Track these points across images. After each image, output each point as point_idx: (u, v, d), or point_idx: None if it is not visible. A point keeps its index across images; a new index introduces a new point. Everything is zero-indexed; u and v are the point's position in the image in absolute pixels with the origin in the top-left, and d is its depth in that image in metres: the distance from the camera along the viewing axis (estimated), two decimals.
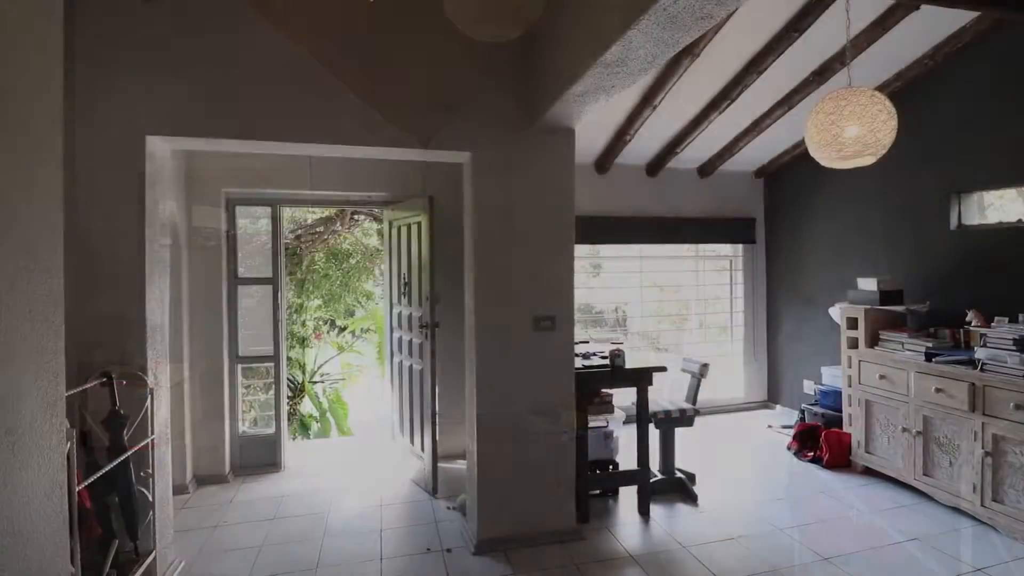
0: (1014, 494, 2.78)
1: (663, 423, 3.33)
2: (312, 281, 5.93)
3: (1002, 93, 3.36)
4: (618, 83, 2.30)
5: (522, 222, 2.82)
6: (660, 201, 5.05)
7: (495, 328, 2.77)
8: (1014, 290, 3.27)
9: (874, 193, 4.21)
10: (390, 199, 3.94)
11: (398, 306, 3.81)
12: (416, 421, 3.57)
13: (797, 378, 4.98)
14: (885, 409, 3.46)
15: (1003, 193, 3.60)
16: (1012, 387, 2.76)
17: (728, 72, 3.72)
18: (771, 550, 2.70)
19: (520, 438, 2.79)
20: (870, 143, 2.63)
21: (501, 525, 2.75)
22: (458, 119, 2.73)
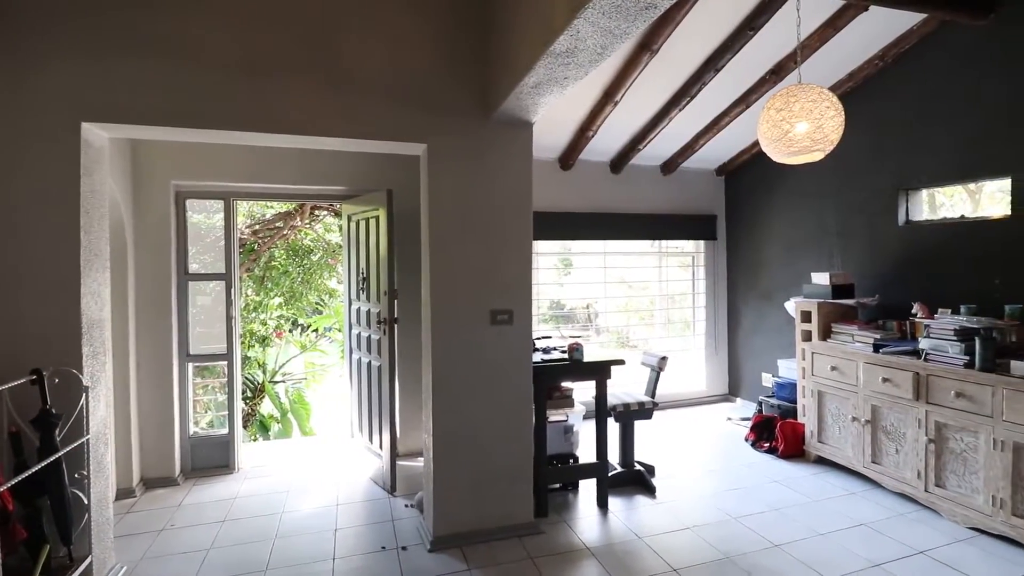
0: (955, 479, 2.88)
1: (622, 416, 3.35)
2: (272, 278, 5.77)
3: (946, 93, 3.48)
4: (571, 75, 2.29)
5: (480, 215, 2.79)
6: (624, 198, 5.09)
7: (452, 322, 2.74)
8: (956, 283, 3.40)
9: (828, 190, 4.32)
10: (348, 193, 3.87)
11: (357, 302, 3.74)
12: (375, 419, 3.51)
13: (756, 371, 5.09)
14: (836, 399, 3.56)
15: (949, 190, 3.74)
16: (953, 376, 2.86)
17: (687, 69, 3.77)
18: (725, 538, 2.73)
19: (478, 433, 2.77)
20: (818, 139, 2.68)
21: (458, 521, 2.73)
22: (413, 109, 2.68)
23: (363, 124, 2.61)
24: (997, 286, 3.20)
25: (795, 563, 2.51)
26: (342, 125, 2.58)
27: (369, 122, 2.61)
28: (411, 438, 3.90)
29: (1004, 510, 2.65)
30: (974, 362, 2.80)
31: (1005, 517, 2.64)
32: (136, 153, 3.41)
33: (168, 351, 3.50)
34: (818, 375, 3.67)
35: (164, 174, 3.49)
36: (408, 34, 2.66)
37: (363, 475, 3.59)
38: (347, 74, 2.57)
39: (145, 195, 3.44)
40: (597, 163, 5.00)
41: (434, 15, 2.69)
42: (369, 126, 2.62)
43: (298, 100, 2.51)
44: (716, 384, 5.47)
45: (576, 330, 5.53)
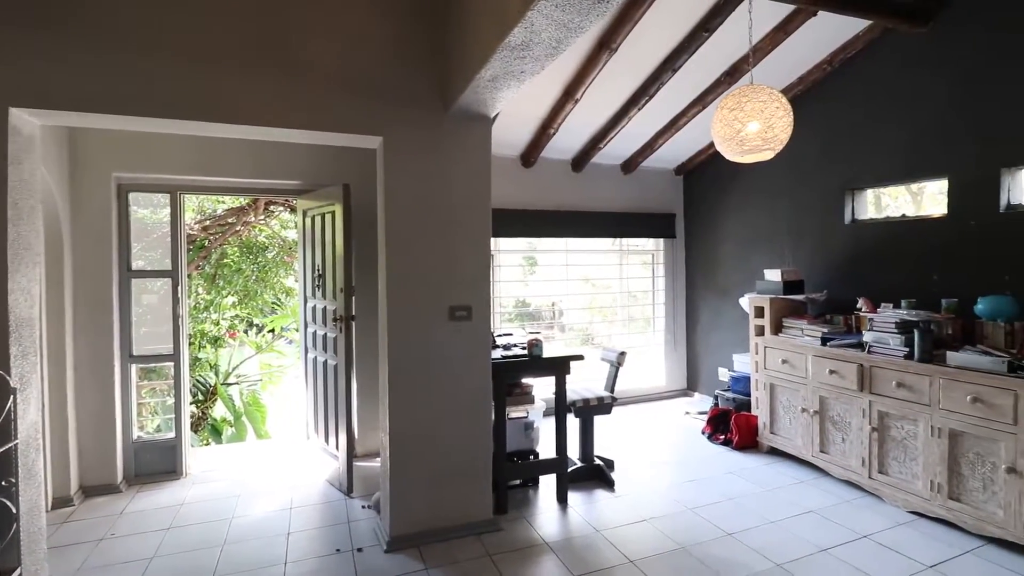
0: (896, 465, 3.01)
1: (582, 411, 3.36)
2: (224, 276, 5.56)
3: (889, 97, 3.64)
4: (527, 68, 2.28)
5: (438, 210, 2.75)
6: (585, 196, 5.13)
7: (409, 319, 2.69)
8: (898, 279, 3.56)
9: (781, 190, 4.46)
10: (304, 188, 3.76)
11: (313, 300, 3.65)
12: (331, 419, 3.42)
13: (713, 366, 5.21)
14: (787, 392, 3.67)
15: (893, 191, 3.92)
16: (894, 366, 2.99)
17: (646, 69, 3.82)
18: (680, 529, 2.78)
19: (436, 431, 2.73)
20: (769, 138, 2.76)
21: (416, 520, 2.68)
22: (369, 101, 2.63)
23: (316, 115, 2.53)
24: (935, 281, 3.36)
25: (747, 550, 2.57)
26: (294, 116, 2.50)
27: (323, 113, 2.54)
28: (370, 438, 3.82)
29: (941, 494, 2.78)
30: (913, 353, 2.93)
31: (942, 501, 2.78)
32: (74, 143, 3.23)
33: (109, 351, 3.33)
34: (770, 368, 3.79)
35: (105, 165, 3.31)
36: (363, 24, 2.60)
37: (319, 477, 3.49)
38: (300, 63, 2.49)
39: (84, 187, 3.26)
40: (559, 161, 5.03)
41: (390, 6, 2.64)
42: (323, 117, 2.54)
43: (248, 89, 2.42)
44: (675, 379, 5.58)
45: (541, 328, 5.56)
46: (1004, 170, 3.08)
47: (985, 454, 2.61)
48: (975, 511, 2.65)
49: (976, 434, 2.63)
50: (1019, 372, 2.54)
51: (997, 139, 3.09)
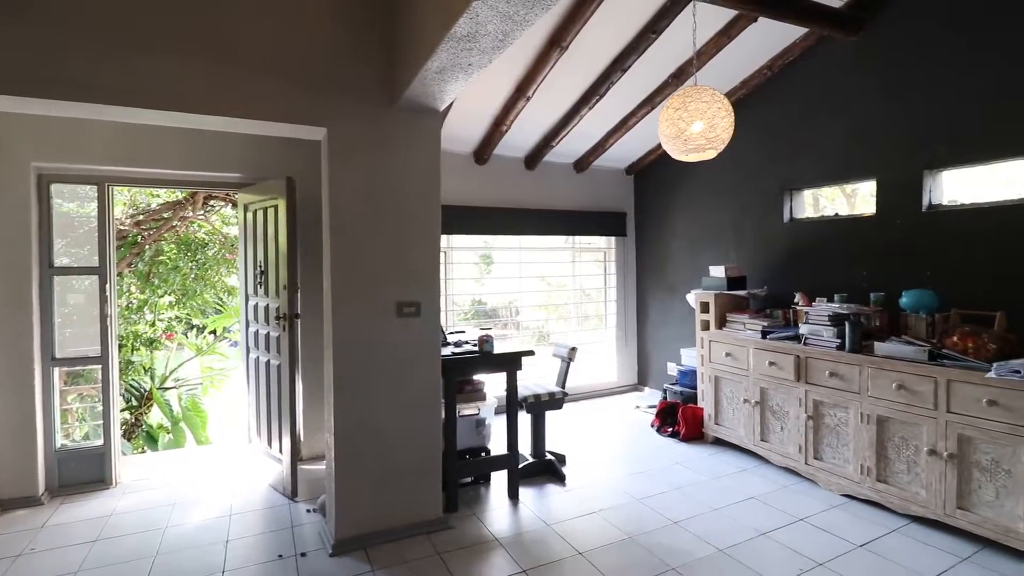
0: (830, 451, 3.17)
1: (533, 407, 3.37)
2: (159, 274, 5.27)
3: (824, 102, 3.82)
4: (475, 61, 2.25)
5: (385, 204, 2.69)
6: (539, 194, 5.16)
7: (355, 315, 2.62)
8: (831, 273, 3.74)
9: (725, 189, 4.62)
10: (245, 181, 3.61)
11: (255, 298, 3.50)
12: (275, 421, 3.30)
13: (662, 361, 5.34)
14: (730, 383, 3.80)
15: (830, 191, 4.12)
16: (827, 357, 3.14)
17: (596, 68, 3.87)
18: (628, 519, 2.83)
19: (384, 430, 2.67)
20: (712, 138, 2.84)
21: (362, 522, 2.61)
22: (312, 90, 2.54)
23: (255, 103, 2.43)
24: (865, 277, 3.55)
25: (691, 537, 2.64)
26: (230, 103, 2.38)
27: (262, 101, 2.44)
28: (316, 441, 3.70)
29: (870, 477, 2.94)
30: (845, 345, 3.09)
31: (871, 483, 2.94)
32: None
33: (28, 354, 3.09)
34: (715, 362, 3.91)
35: (23, 154, 3.07)
36: (304, 10, 2.51)
37: (262, 482, 3.36)
38: (237, 48, 2.38)
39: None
40: (512, 158, 5.03)
41: None
42: (262, 106, 2.44)
43: (180, 73, 2.29)
44: (626, 375, 5.68)
45: (498, 328, 5.55)
46: (926, 172, 3.29)
47: (909, 438, 2.78)
48: (900, 492, 2.81)
49: (901, 419, 2.80)
50: (938, 360, 2.71)
51: (920, 143, 3.29)
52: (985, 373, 2.49)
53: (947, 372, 2.61)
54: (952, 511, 2.60)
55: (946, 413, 2.61)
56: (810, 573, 2.34)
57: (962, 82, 3.08)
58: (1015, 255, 2.87)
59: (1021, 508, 2.38)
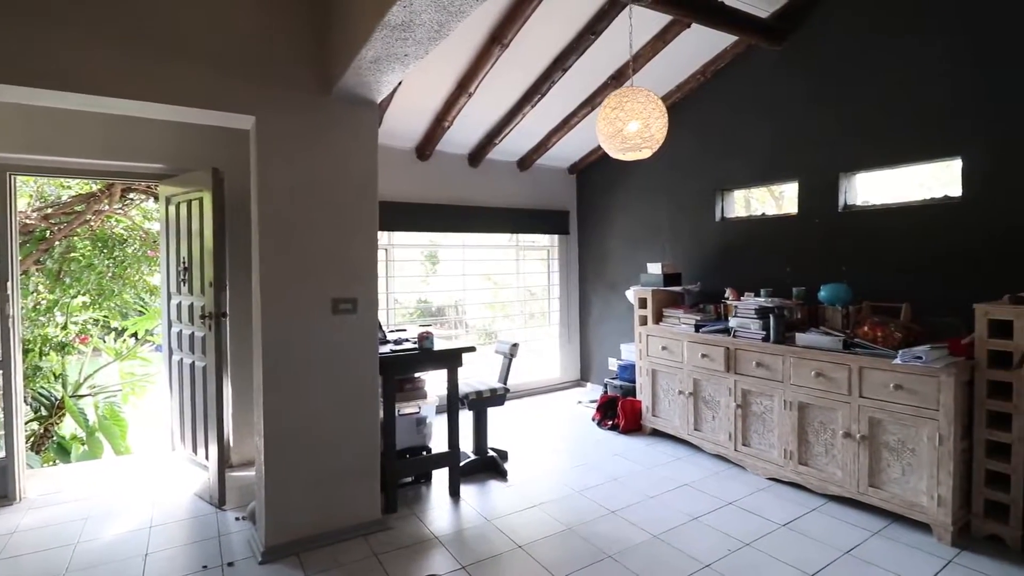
0: (757, 437, 3.33)
1: (475, 404, 3.36)
2: (71, 273, 4.86)
3: (752, 107, 4.02)
4: (411, 52, 2.22)
5: (319, 198, 2.60)
6: (483, 191, 5.15)
7: (287, 312, 2.51)
8: (759, 269, 3.94)
9: (662, 189, 4.77)
10: (168, 172, 3.39)
11: (178, 296, 3.30)
12: (200, 427, 3.12)
13: (604, 356, 5.45)
14: (666, 376, 3.93)
15: (760, 191, 4.33)
16: (754, 348, 3.31)
17: (537, 67, 3.90)
18: (568, 511, 2.87)
19: (318, 431, 2.58)
20: (647, 137, 2.92)
21: (295, 527, 2.51)
22: (238, 76, 2.42)
23: (173, 87, 2.28)
24: (788, 272, 3.76)
25: (627, 525, 2.71)
26: (144, 86, 2.23)
27: (181, 86, 2.30)
28: (246, 446, 3.53)
29: (793, 460, 3.12)
30: (769, 336, 3.26)
31: (794, 466, 3.11)
32: None
33: None
34: (652, 355, 4.03)
35: None
36: None
37: (186, 491, 3.17)
38: (152, 27, 2.23)
39: None
40: (455, 155, 5.00)
41: None
42: (181, 90, 2.30)
43: (89, 52, 2.12)
44: (569, 371, 5.77)
45: (445, 327, 5.49)
46: (842, 175, 3.52)
47: (826, 422, 2.96)
48: (819, 473, 3.00)
49: (819, 405, 2.98)
50: (852, 349, 2.91)
51: (836, 148, 3.52)
52: (892, 360, 2.69)
53: (859, 360, 2.80)
54: (865, 489, 2.80)
55: (859, 398, 2.80)
56: (737, 552, 2.45)
57: (871, 91, 3.32)
58: (918, 252, 3.12)
59: (924, 484, 2.59)
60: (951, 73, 2.98)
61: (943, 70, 3.01)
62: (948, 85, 2.99)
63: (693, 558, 2.41)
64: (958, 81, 2.95)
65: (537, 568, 2.35)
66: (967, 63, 2.92)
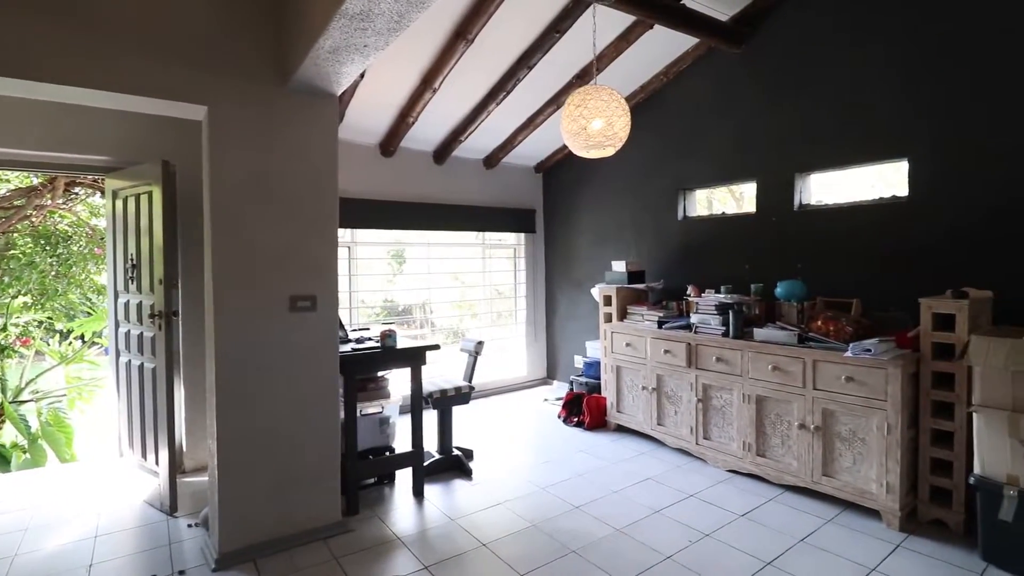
0: (717, 431, 3.40)
1: (440, 402, 3.32)
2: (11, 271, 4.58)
3: (712, 108, 4.10)
4: (370, 43, 2.17)
5: (276, 192, 2.52)
6: (449, 189, 5.11)
7: (241, 310, 2.42)
8: (719, 267, 4.03)
9: (626, 188, 4.83)
10: (115, 164, 3.23)
11: (125, 295, 3.15)
12: (149, 431, 2.98)
13: (570, 354, 5.49)
14: (630, 372, 3.98)
15: (721, 191, 4.42)
16: (714, 344, 3.37)
17: (503, 64, 3.89)
18: (532, 508, 2.86)
19: (275, 432, 2.50)
20: (610, 135, 2.94)
21: (251, 532, 2.43)
22: (190, 64, 2.33)
23: (118, 74, 2.17)
24: (747, 270, 3.85)
25: (591, 520, 2.72)
26: (90, 72, 2.12)
27: (128, 72, 2.19)
28: (201, 450, 3.41)
29: (751, 452, 3.19)
30: (729, 332, 3.33)
31: (752, 458, 3.19)
32: None
33: None
34: (616, 352, 4.07)
35: None
36: None
37: (136, 498, 3.03)
38: (98, 8, 2.12)
39: None
40: (420, 152, 4.94)
41: None
42: (128, 77, 2.19)
43: (26, 34, 2.00)
44: (536, 369, 5.78)
45: (412, 327, 5.41)
46: (797, 175, 3.63)
47: (783, 414, 3.05)
48: (776, 464, 3.08)
49: (776, 398, 3.06)
50: (806, 343, 3.00)
51: (791, 149, 3.63)
52: (843, 353, 2.78)
53: (813, 353, 2.89)
54: (819, 478, 2.89)
55: (813, 390, 2.89)
56: (698, 543, 2.49)
57: (825, 94, 3.43)
58: (868, 249, 3.24)
59: (874, 472, 2.69)
60: (899, 78, 3.10)
61: (892, 75, 3.13)
62: (896, 90, 3.11)
63: (655, 550, 2.44)
64: (905, 86, 3.08)
65: (501, 565, 2.34)
66: (914, 69, 3.04)
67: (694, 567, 2.30)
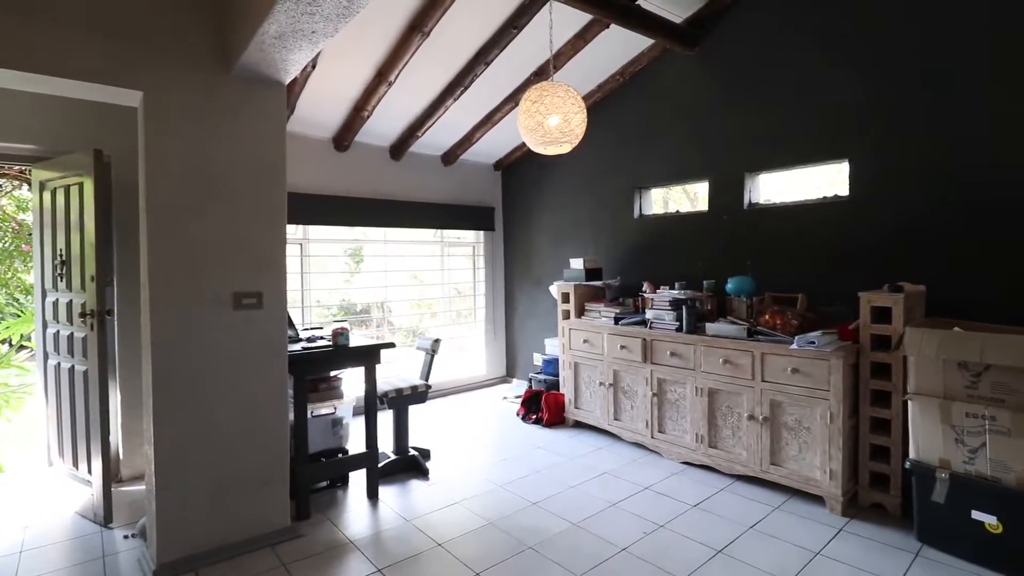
0: (671, 424, 3.46)
1: (395, 402, 3.25)
2: None
3: (667, 108, 4.18)
4: (319, 28, 2.10)
5: (219, 184, 2.41)
6: (406, 185, 5.02)
7: (181, 308, 2.30)
8: (674, 264, 4.11)
9: (584, 186, 4.87)
10: (42, 154, 3.02)
11: (53, 293, 2.94)
12: (81, 438, 2.80)
13: (529, 352, 5.49)
14: (588, 368, 4.01)
15: (677, 190, 4.51)
16: (668, 339, 3.44)
17: (460, 59, 3.85)
18: (490, 506, 2.84)
19: (218, 436, 2.38)
20: (567, 131, 2.95)
21: (192, 541, 2.31)
22: (122, 45, 2.19)
23: (44, 54, 2.03)
24: (700, 267, 3.94)
25: (549, 515, 2.72)
26: (9, 51, 1.96)
27: (54, 53, 2.05)
28: (139, 457, 3.22)
29: (703, 444, 3.27)
30: (682, 327, 3.40)
31: (704, 450, 3.26)
32: None
33: None
34: (574, 349, 4.10)
35: None
36: None
37: (67, 510, 2.83)
38: None
39: None
40: (376, 147, 4.84)
41: None
42: (54, 58, 2.05)
43: None
44: (495, 367, 5.76)
45: (370, 327, 5.29)
46: (747, 174, 3.74)
47: (733, 406, 3.13)
48: (727, 455, 3.16)
49: (727, 390, 3.14)
50: (755, 336, 3.09)
51: (742, 149, 3.73)
52: (789, 345, 2.88)
53: (761, 346, 2.98)
54: (767, 467, 2.98)
55: (761, 382, 2.98)
56: (652, 534, 2.52)
57: (773, 97, 3.55)
58: (812, 246, 3.37)
59: (818, 460, 2.79)
60: (841, 80, 3.24)
61: (834, 77, 3.26)
62: (839, 91, 3.24)
63: (610, 543, 2.45)
64: (846, 87, 3.21)
65: (457, 565, 2.30)
66: (854, 71, 3.18)
67: (648, 558, 2.33)
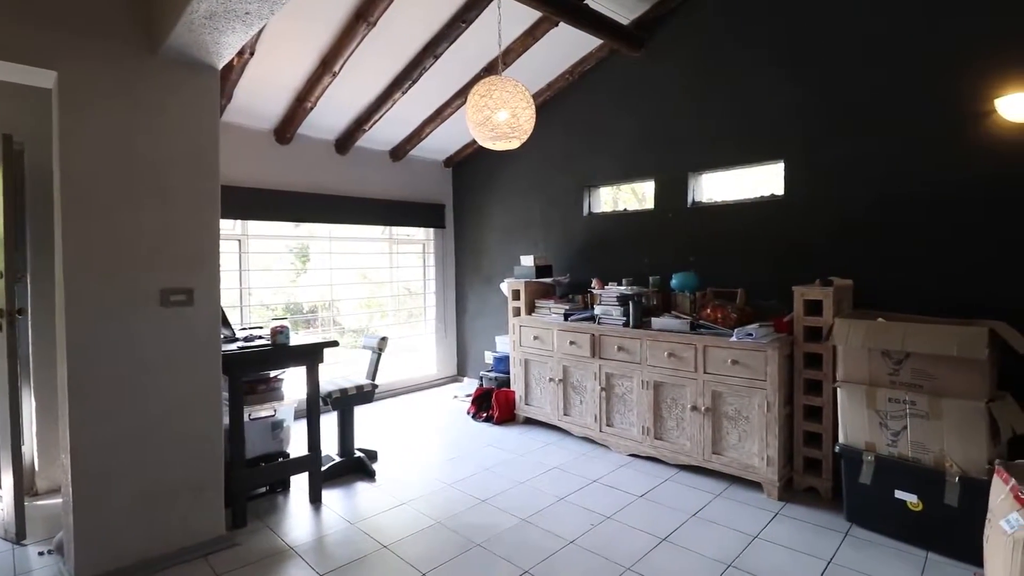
0: (619, 417, 3.52)
1: (339, 402, 3.15)
2: None
3: (614, 109, 4.25)
4: (252, 10, 2.00)
5: (144, 174, 2.26)
6: (353, 181, 4.89)
7: (101, 306, 2.14)
8: (621, 260, 4.18)
9: (534, 184, 4.88)
10: None
11: None
12: None
13: (480, 350, 5.46)
14: (538, 365, 4.02)
15: (626, 188, 4.59)
16: (616, 334, 3.49)
17: (408, 51, 3.78)
18: (438, 505, 2.79)
19: (143, 442, 2.23)
20: (515, 127, 2.93)
21: (116, 555, 2.15)
22: (32, 20, 2.01)
23: None
24: (646, 263, 4.03)
25: (497, 512, 2.71)
26: None
27: None
28: (57, 468, 2.98)
29: (649, 436, 3.34)
30: (629, 322, 3.46)
31: (651, 441, 3.33)
32: None
33: None
34: (525, 346, 4.10)
35: None
36: None
37: None
38: None
39: None
40: (321, 140, 4.69)
41: None
42: None
43: None
44: (446, 366, 5.70)
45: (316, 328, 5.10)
46: (690, 174, 3.85)
47: (677, 398, 3.21)
48: (672, 446, 3.24)
49: (672, 383, 3.22)
50: (698, 330, 3.18)
51: (685, 149, 3.84)
52: (729, 338, 2.98)
53: (703, 339, 3.07)
54: (709, 457, 3.07)
55: (703, 374, 3.07)
56: (600, 526, 2.55)
57: (714, 99, 3.67)
58: (750, 243, 3.50)
59: (756, 447, 2.90)
60: (777, 82, 3.38)
61: (770, 80, 3.41)
62: (775, 93, 3.39)
63: (559, 536, 2.46)
64: (781, 89, 3.36)
65: (403, 566, 2.25)
66: (788, 73, 3.33)
67: (595, 549, 2.35)
